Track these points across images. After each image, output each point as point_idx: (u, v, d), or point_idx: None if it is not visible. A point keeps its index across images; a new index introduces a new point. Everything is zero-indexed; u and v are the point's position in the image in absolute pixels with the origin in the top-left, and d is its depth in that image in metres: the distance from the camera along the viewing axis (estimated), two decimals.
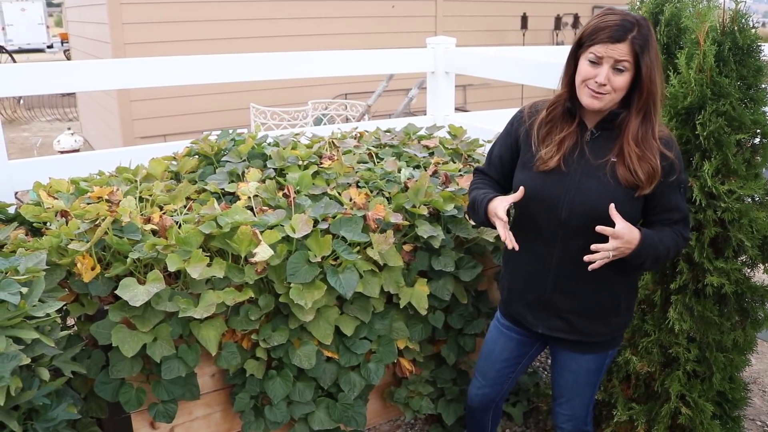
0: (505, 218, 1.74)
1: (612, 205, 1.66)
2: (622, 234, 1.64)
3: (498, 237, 2.42)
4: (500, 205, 1.75)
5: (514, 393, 2.75)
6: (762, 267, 2.13)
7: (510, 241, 1.74)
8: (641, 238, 1.67)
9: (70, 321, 2.04)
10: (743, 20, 1.97)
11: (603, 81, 1.63)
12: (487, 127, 3.66)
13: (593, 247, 1.67)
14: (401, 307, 2.29)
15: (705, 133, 1.96)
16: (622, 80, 1.64)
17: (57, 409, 1.72)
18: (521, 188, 1.76)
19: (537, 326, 1.91)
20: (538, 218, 1.80)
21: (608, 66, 1.63)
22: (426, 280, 2.33)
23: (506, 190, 1.95)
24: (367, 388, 2.33)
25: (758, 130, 2.00)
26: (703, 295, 2.09)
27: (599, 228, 1.65)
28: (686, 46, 2.05)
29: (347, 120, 6.18)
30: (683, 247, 1.80)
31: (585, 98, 1.68)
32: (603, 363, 1.92)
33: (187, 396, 2.03)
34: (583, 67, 1.67)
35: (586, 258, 1.68)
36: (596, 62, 1.64)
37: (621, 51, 1.61)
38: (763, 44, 1.99)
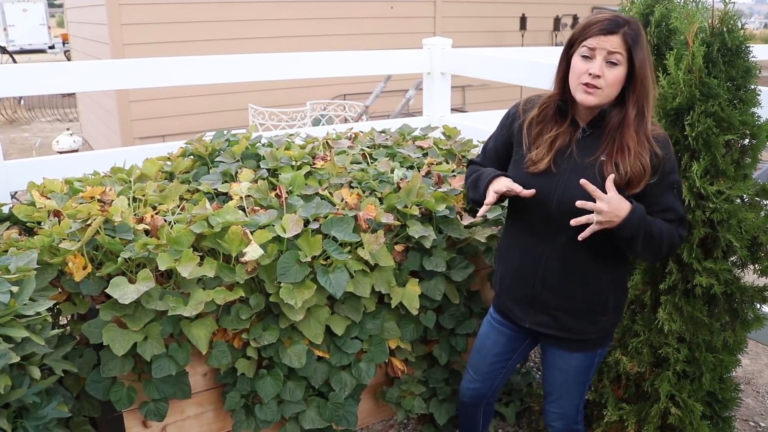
0: (515, 189, 1.73)
1: (611, 176, 1.64)
2: (610, 198, 1.63)
3: (489, 238, 2.43)
4: (509, 181, 1.76)
5: (507, 393, 2.76)
6: (751, 267, 2.14)
7: (484, 209, 1.79)
8: (631, 209, 1.65)
9: (64, 320, 2.05)
10: (732, 21, 1.98)
11: (597, 72, 1.63)
12: (482, 127, 3.67)
13: (578, 203, 1.65)
14: (392, 306, 2.30)
15: (694, 134, 1.97)
16: (615, 74, 1.64)
17: (47, 407, 1.73)
18: (533, 191, 1.75)
19: (524, 321, 1.93)
20: (529, 214, 1.83)
21: (601, 58, 1.64)
22: (417, 280, 2.34)
23: None
24: (359, 387, 2.33)
25: (747, 131, 2.01)
26: (693, 295, 2.09)
27: (583, 182, 1.63)
28: (675, 46, 2.05)
29: (346, 120, 6.20)
30: (678, 245, 1.79)
31: (579, 94, 1.68)
32: (592, 362, 1.93)
33: (178, 395, 2.04)
34: (577, 64, 1.68)
35: (573, 222, 1.66)
36: (589, 56, 1.65)
37: (613, 42, 1.62)
38: (752, 45, 2.00)
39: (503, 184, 1.77)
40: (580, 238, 1.69)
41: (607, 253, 1.80)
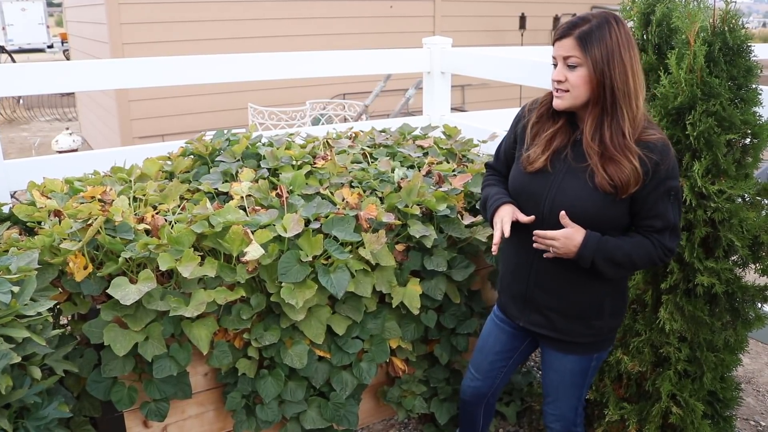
0: (505, 231, 1.78)
1: (562, 213, 1.69)
2: (562, 235, 1.69)
3: (490, 237, 2.43)
4: (506, 217, 1.80)
5: (508, 392, 2.76)
6: (753, 267, 2.14)
7: (495, 248, 1.81)
8: (583, 243, 1.69)
9: (64, 320, 2.05)
10: (733, 20, 1.97)
11: (556, 77, 1.68)
12: (482, 127, 3.67)
13: (535, 232, 1.74)
14: (393, 306, 2.30)
15: (695, 133, 1.97)
16: (575, 75, 1.66)
17: (48, 407, 1.73)
18: (532, 217, 1.77)
19: (519, 319, 1.94)
20: (524, 212, 1.82)
21: (561, 64, 1.67)
22: (418, 279, 2.34)
23: None
24: (360, 387, 2.33)
25: (748, 131, 2.00)
26: (694, 294, 2.09)
27: (536, 232, 1.74)
28: (677, 46, 2.05)
29: (345, 120, 6.19)
30: (663, 258, 1.74)
31: (553, 100, 1.74)
32: (588, 366, 1.92)
33: (179, 395, 2.04)
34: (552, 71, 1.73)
35: (536, 245, 1.75)
36: (554, 63, 1.70)
37: (566, 46, 1.65)
38: (753, 44, 2.00)
39: (506, 217, 1.80)
40: (545, 255, 1.76)
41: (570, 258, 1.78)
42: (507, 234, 1.77)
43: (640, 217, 1.73)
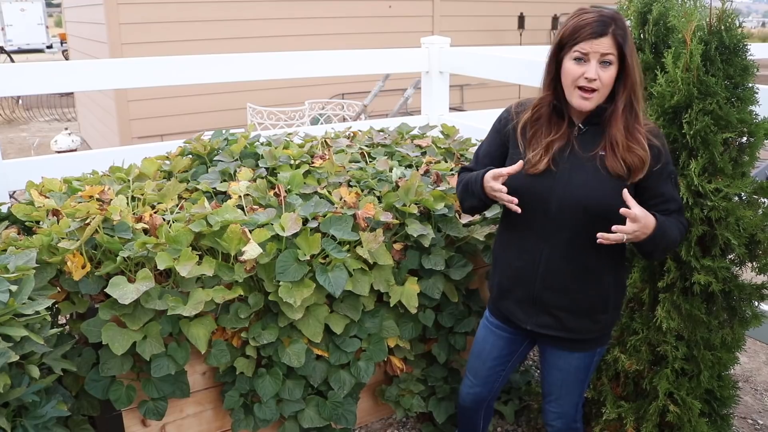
0: (504, 188, 1.72)
1: (625, 191, 1.66)
2: (640, 218, 1.64)
3: (488, 236, 2.43)
4: (496, 184, 1.74)
5: (506, 391, 2.76)
6: (750, 265, 2.14)
7: (515, 206, 1.73)
8: (657, 224, 1.69)
9: (63, 319, 2.05)
10: (730, 19, 1.98)
11: (593, 76, 1.65)
12: (480, 126, 3.67)
13: (614, 228, 1.64)
14: (391, 305, 2.30)
15: (691, 132, 1.97)
16: (609, 74, 1.67)
17: (47, 406, 1.73)
18: (520, 162, 1.72)
19: (526, 323, 1.92)
20: (527, 214, 1.79)
21: (595, 61, 1.65)
22: (416, 278, 2.34)
23: None
24: (358, 386, 2.34)
25: (745, 129, 2.01)
26: (691, 293, 2.09)
27: (623, 210, 1.63)
28: (673, 45, 2.05)
29: (344, 120, 6.19)
30: (685, 235, 1.85)
31: (575, 100, 1.70)
32: (591, 361, 1.93)
33: (177, 394, 2.04)
34: (570, 67, 1.68)
35: (600, 236, 1.67)
36: (583, 59, 1.66)
37: (605, 45, 1.64)
38: (749, 43, 2.00)
39: (496, 173, 1.73)
40: (599, 240, 1.68)
41: (609, 250, 1.80)
42: (514, 170, 1.71)
43: (656, 202, 1.77)
